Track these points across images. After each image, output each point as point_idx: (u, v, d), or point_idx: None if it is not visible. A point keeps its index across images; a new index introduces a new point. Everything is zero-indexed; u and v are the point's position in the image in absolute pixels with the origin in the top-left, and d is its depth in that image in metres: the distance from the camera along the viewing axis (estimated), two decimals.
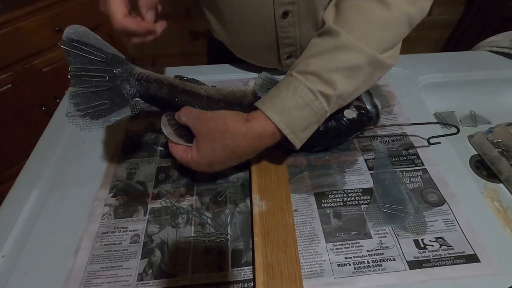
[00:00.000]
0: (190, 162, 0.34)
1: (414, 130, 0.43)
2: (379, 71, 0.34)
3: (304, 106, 0.31)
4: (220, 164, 0.34)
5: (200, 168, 0.34)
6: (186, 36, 1.36)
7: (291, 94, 0.31)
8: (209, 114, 0.33)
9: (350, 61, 0.31)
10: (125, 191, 0.38)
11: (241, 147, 0.32)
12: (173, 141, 0.34)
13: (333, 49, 0.32)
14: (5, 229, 0.35)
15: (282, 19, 0.41)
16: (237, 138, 0.31)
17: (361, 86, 0.33)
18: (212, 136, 0.32)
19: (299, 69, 0.32)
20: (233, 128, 0.31)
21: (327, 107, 0.32)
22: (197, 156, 0.33)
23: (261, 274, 0.29)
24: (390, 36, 0.33)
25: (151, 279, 0.30)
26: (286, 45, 0.46)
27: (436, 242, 0.32)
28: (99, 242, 0.33)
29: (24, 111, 1.06)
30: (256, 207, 0.34)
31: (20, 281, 0.31)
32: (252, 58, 0.52)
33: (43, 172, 0.40)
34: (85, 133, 0.45)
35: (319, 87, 0.31)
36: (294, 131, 0.31)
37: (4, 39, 0.94)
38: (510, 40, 0.55)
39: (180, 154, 0.34)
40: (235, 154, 0.32)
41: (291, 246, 0.31)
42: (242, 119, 0.32)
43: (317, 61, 0.32)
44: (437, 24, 1.36)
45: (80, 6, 1.03)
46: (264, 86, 0.37)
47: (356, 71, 0.32)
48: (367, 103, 0.38)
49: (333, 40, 0.32)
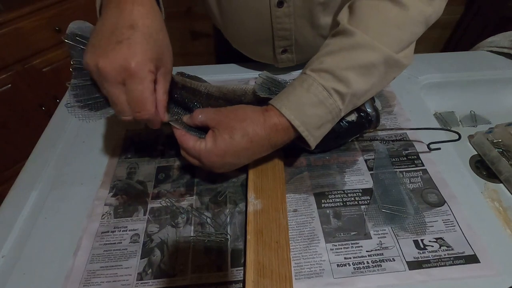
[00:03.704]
0: (202, 152, 0.32)
1: (415, 132, 0.43)
2: (394, 71, 0.34)
3: (318, 104, 0.31)
4: (233, 157, 0.32)
5: (211, 161, 0.32)
6: (186, 36, 1.36)
7: (305, 91, 0.31)
8: (229, 107, 0.34)
9: (365, 60, 0.31)
10: (125, 191, 0.38)
11: (259, 135, 0.31)
12: (184, 130, 0.33)
13: (348, 48, 0.31)
14: (5, 229, 0.35)
15: (278, 8, 0.41)
16: (256, 126, 0.31)
17: (375, 85, 0.33)
18: (232, 124, 0.31)
19: (313, 67, 0.32)
20: (252, 116, 0.31)
21: (341, 105, 0.31)
22: (212, 145, 0.31)
23: (251, 272, 0.29)
24: (406, 35, 0.33)
25: (151, 278, 0.30)
26: (281, 38, 0.46)
27: (436, 243, 0.32)
28: (99, 241, 0.33)
29: (24, 111, 1.06)
30: (251, 206, 0.34)
31: (20, 281, 0.31)
32: (247, 49, 0.52)
33: (43, 172, 0.40)
34: (85, 133, 0.46)
35: (333, 85, 0.31)
36: (308, 129, 0.31)
37: (4, 39, 0.93)
38: (510, 40, 0.55)
39: (192, 144, 0.32)
40: (251, 145, 0.31)
41: (283, 246, 0.31)
42: (261, 109, 0.32)
43: (331, 59, 0.32)
44: (437, 24, 1.35)
45: (80, 6, 1.03)
46: (265, 85, 0.37)
47: (371, 70, 0.31)
48: (368, 106, 0.38)
49: (348, 40, 0.32)
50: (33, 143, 0.44)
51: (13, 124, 1.06)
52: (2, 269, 0.32)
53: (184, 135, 0.33)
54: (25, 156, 0.42)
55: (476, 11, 1.24)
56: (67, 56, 1.08)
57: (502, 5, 1.11)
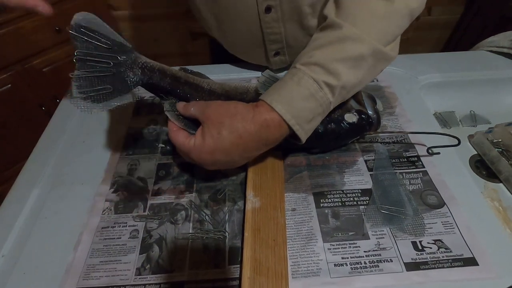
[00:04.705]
0: (192, 150, 0.32)
1: (416, 134, 0.43)
2: (382, 63, 0.34)
3: (309, 97, 0.31)
4: (223, 154, 0.31)
5: (201, 158, 0.32)
6: (186, 36, 1.36)
7: (296, 85, 0.31)
8: (220, 101, 0.33)
9: (354, 52, 0.31)
10: (126, 187, 0.38)
11: (248, 132, 0.30)
12: (177, 124, 0.33)
13: (337, 40, 0.32)
14: (5, 229, 0.35)
15: (266, 14, 0.41)
16: (246, 122, 0.30)
17: (364, 77, 0.33)
18: (221, 120, 0.31)
19: (303, 61, 0.32)
20: (242, 111, 0.31)
21: (331, 98, 0.31)
22: (201, 142, 0.31)
23: (247, 269, 0.29)
24: (392, 28, 0.33)
25: (149, 274, 0.31)
26: (272, 42, 0.46)
27: (434, 245, 0.32)
28: (99, 236, 0.34)
29: (24, 111, 1.07)
30: (250, 203, 0.34)
31: (20, 281, 0.31)
32: (242, 54, 0.52)
33: (43, 172, 0.40)
34: (85, 132, 0.46)
35: (323, 78, 0.31)
36: (299, 123, 0.31)
37: (4, 39, 0.94)
38: (510, 40, 0.55)
39: (182, 140, 0.32)
40: (241, 141, 0.31)
41: (280, 244, 0.31)
42: (251, 105, 0.32)
43: (320, 52, 0.32)
44: (437, 24, 1.35)
45: (80, 6, 1.03)
46: (267, 83, 0.37)
47: (359, 62, 0.32)
48: (369, 108, 0.38)
49: (336, 33, 0.32)
50: (33, 143, 0.44)
51: (13, 124, 1.06)
52: (2, 269, 0.32)
53: (175, 130, 0.33)
54: (25, 156, 0.43)
55: (476, 11, 1.24)
56: (67, 56, 1.08)
57: (502, 5, 1.11)
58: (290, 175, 0.39)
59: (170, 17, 1.27)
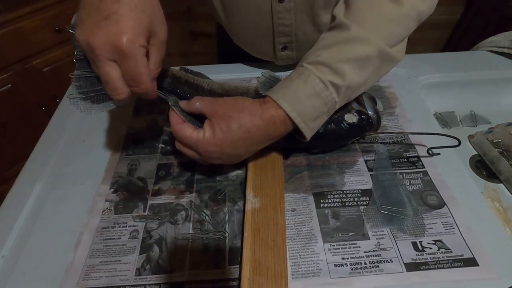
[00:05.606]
0: (200, 142, 0.31)
1: (416, 134, 0.43)
2: (387, 65, 0.34)
3: (314, 96, 0.31)
4: (231, 147, 0.32)
5: (208, 150, 0.32)
6: (186, 36, 1.36)
7: (302, 83, 0.31)
8: (226, 98, 0.34)
9: (360, 53, 0.31)
10: (126, 187, 0.38)
11: (256, 126, 0.31)
12: (182, 118, 0.33)
13: (344, 41, 0.32)
14: (5, 229, 0.35)
15: (279, 3, 0.41)
16: (254, 117, 0.31)
17: (369, 78, 0.34)
18: (229, 114, 0.31)
19: (309, 60, 0.32)
20: (250, 107, 0.31)
21: (336, 98, 0.32)
22: (210, 134, 0.31)
23: (247, 269, 0.29)
24: (400, 30, 0.33)
25: (149, 274, 0.31)
26: (281, 34, 0.46)
27: (435, 245, 0.32)
28: (99, 236, 0.34)
29: (24, 111, 1.07)
30: (249, 204, 0.34)
31: (20, 281, 0.31)
32: (248, 46, 0.52)
33: (43, 172, 0.40)
34: (85, 132, 0.46)
35: (329, 77, 0.31)
36: (304, 121, 0.31)
37: (4, 39, 0.94)
38: (510, 40, 0.55)
39: (189, 132, 0.32)
40: (249, 135, 0.31)
41: (279, 245, 0.31)
42: (258, 101, 0.32)
43: (327, 52, 0.32)
44: (437, 24, 1.35)
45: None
46: (267, 84, 0.37)
47: (365, 63, 0.32)
48: (369, 108, 0.38)
49: (344, 33, 0.32)
50: (33, 143, 0.44)
51: (13, 124, 1.06)
52: (2, 269, 0.32)
53: (179, 123, 0.33)
54: (25, 156, 0.43)
55: (476, 11, 1.24)
56: (67, 56, 1.08)
57: (502, 5, 1.11)
58: (290, 175, 0.39)
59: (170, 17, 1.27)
